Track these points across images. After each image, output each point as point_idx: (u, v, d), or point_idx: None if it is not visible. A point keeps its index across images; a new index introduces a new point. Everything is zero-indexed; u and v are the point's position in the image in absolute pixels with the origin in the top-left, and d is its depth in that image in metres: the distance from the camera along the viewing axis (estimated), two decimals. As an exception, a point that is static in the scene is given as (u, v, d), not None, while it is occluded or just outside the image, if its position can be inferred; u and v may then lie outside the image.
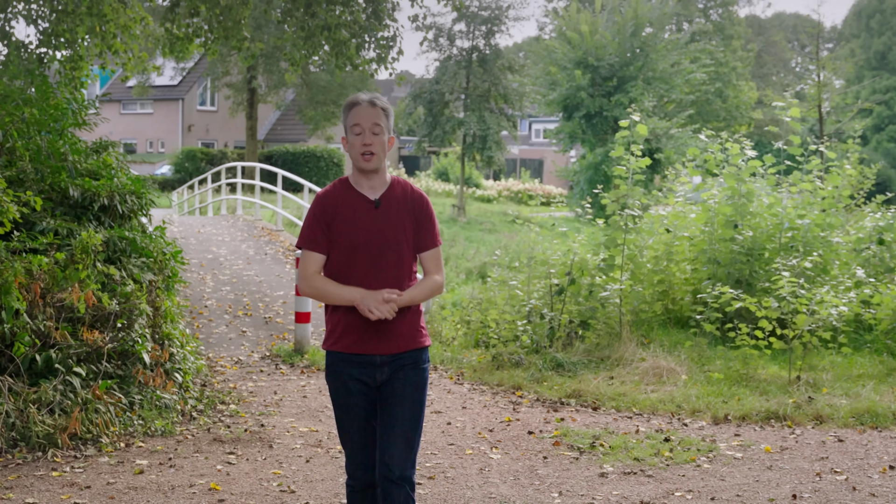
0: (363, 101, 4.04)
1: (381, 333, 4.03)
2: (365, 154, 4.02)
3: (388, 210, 4.07)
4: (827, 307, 9.46)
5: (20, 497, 5.66)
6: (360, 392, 4.09)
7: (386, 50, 13.29)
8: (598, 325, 10.64)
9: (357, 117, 4.03)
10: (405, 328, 4.09)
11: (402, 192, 4.13)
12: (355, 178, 4.12)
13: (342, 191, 4.11)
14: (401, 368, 4.09)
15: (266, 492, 5.95)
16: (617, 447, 7.15)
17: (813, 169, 12.34)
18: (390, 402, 4.08)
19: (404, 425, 4.08)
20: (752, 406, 8.33)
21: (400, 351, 4.08)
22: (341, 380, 4.09)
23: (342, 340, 4.06)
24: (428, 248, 4.16)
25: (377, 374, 4.08)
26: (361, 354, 4.05)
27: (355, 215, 4.04)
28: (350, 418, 4.13)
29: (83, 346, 7.37)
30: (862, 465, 6.79)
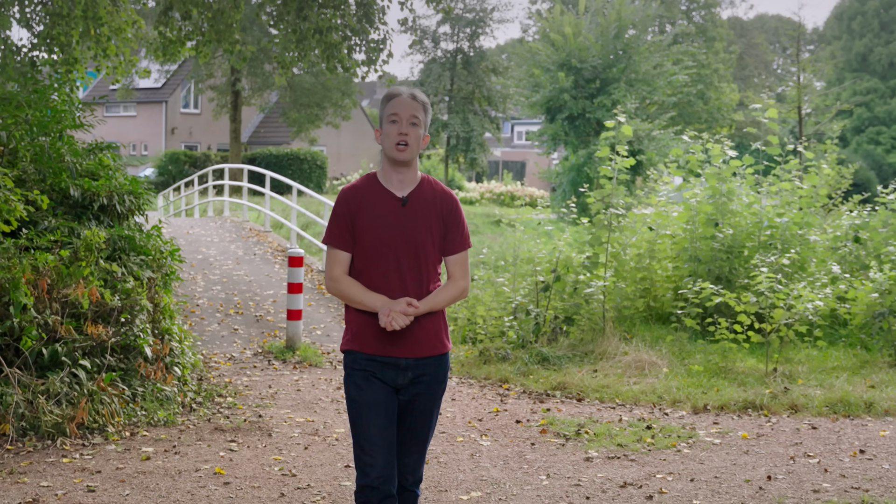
0: (404, 94, 3.94)
1: (407, 336, 3.90)
2: (399, 144, 3.89)
3: (415, 209, 3.94)
4: (803, 302, 9.82)
5: (34, 481, 5.94)
6: (383, 390, 3.94)
7: (376, 53, 13.61)
8: (582, 320, 10.97)
9: (396, 107, 3.90)
10: (430, 331, 3.96)
11: (430, 191, 4.00)
12: (384, 173, 3.99)
13: (369, 186, 3.98)
14: (423, 376, 3.97)
15: (268, 475, 6.25)
16: (601, 434, 7.48)
17: (791, 169, 12.71)
18: (409, 412, 4.00)
19: (422, 436, 4.04)
20: (730, 396, 8.68)
21: (425, 355, 3.96)
22: (364, 375, 3.93)
23: (367, 342, 3.93)
24: (455, 251, 4.03)
25: (399, 378, 3.96)
26: (387, 357, 3.92)
27: (381, 213, 3.92)
28: (372, 416, 3.91)
29: (87, 340, 7.65)
30: (834, 450, 7.14)
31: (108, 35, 14.17)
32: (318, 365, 10.40)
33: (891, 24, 65.60)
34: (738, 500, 5.88)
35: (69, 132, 10.06)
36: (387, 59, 13.66)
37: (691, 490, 6.11)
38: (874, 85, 65.39)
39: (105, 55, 14.48)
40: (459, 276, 4.03)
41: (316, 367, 10.31)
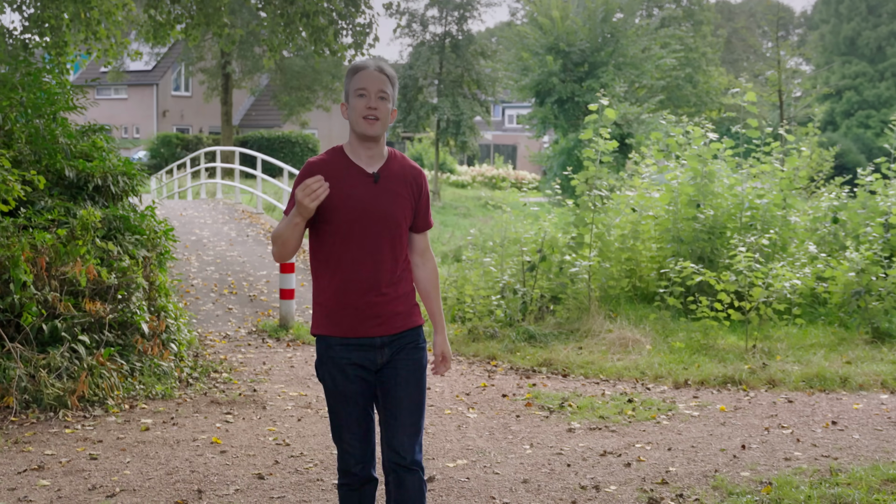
0: (370, 66, 3.80)
1: (380, 314, 3.80)
2: (368, 117, 3.74)
3: (387, 185, 3.81)
4: (781, 281, 10.09)
5: (39, 450, 6.19)
6: (359, 378, 3.82)
7: (362, 36, 13.82)
8: (567, 299, 11.22)
9: (363, 81, 3.76)
10: (402, 306, 3.86)
11: (399, 166, 3.88)
12: (352, 147, 3.84)
13: (337, 161, 3.82)
14: (401, 349, 3.86)
15: (263, 445, 6.50)
16: (584, 407, 7.74)
17: (772, 151, 12.97)
18: (393, 385, 3.86)
19: (410, 409, 3.89)
20: (710, 372, 8.95)
21: (399, 331, 3.85)
22: (339, 366, 3.80)
23: (338, 324, 3.78)
24: (425, 228, 3.99)
25: (378, 357, 3.83)
26: (360, 337, 3.79)
27: (351, 189, 3.75)
28: (349, 407, 3.83)
29: (86, 316, 7.88)
30: (807, 422, 7.42)
31: (97, 18, 14.33)
32: (311, 343, 10.63)
33: (878, 7, 65.80)
34: (712, 467, 6.15)
35: (62, 114, 10.26)
36: (373, 42, 13.87)
37: (668, 458, 6.38)
38: (863, 68, 65.64)
39: (96, 38, 14.66)
40: (427, 251, 4.01)
41: (309, 344, 10.55)
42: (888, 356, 9.53)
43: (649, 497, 5.54)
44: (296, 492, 5.54)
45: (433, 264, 4.03)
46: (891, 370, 8.94)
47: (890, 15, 65.42)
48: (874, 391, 8.50)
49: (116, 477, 5.70)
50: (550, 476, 5.94)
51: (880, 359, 9.45)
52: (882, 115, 63.12)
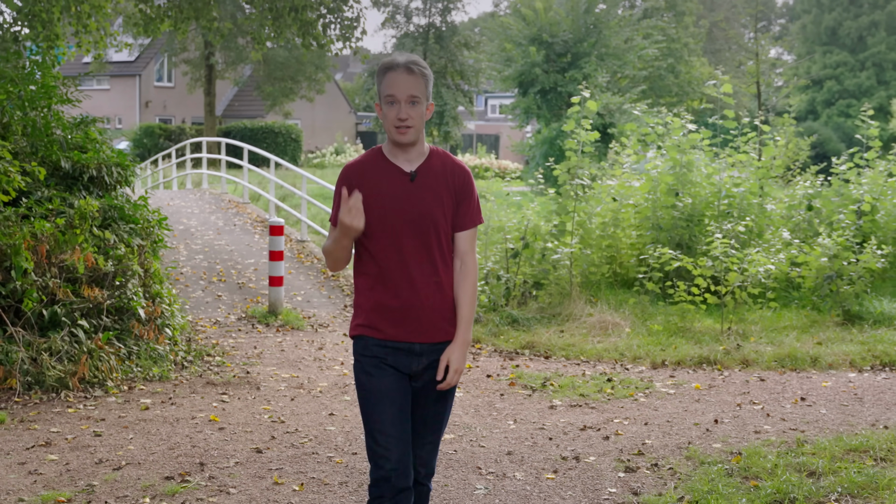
0: (399, 66, 3.58)
1: (421, 321, 3.65)
2: (400, 128, 3.60)
3: (424, 183, 3.66)
4: (756, 266, 10.45)
5: (45, 428, 6.48)
6: (395, 377, 3.68)
7: (350, 30, 14.10)
8: (550, 285, 11.55)
9: (392, 86, 3.58)
10: (445, 314, 3.69)
11: (440, 164, 3.71)
12: (389, 148, 3.71)
13: (374, 162, 3.70)
14: (437, 362, 3.70)
15: (259, 422, 6.81)
16: (565, 386, 8.08)
17: (748, 141, 13.33)
18: (423, 401, 3.75)
19: (434, 427, 3.81)
20: (686, 353, 9.31)
21: (440, 340, 3.69)
22: (374, 362, 3.67)
23: (377, 327, 3.67)
24: (467, 226, 3.74)
25: (413, 364, 3.69)
26: (400, 342, 3.66)
27: (388, 189, 3.64)
28: (385, 406, 3.65)
29: (84, 302, 8.16)
30: (777, 398, 7.78)
31: (88, 12, 14.55)
32: (300, 328, 10.94)
33: (859, -3, 66.36)
34: (685, 440, 6.50)
35: (56, 107, 10.51)
36: (360, 35, 14.16)
37: (644, 431, 6.72)
38: (844, 58, 66.13)
39: (86, 31, 14.88)
40: (469, 253, 3.73)
41: (298, 329, 10.85)
42: (857, 337, 9.91)
43: (626, 466, 5.88)
44: (292, 464, 5.85)
45: (470, 268, 3.72)
46: (859, 350, 9.31)
47: (871, 5, 65.92)
48: (843, 370, 8.87)
49: (121, 452, 6.00)
50: (533, 448, 6.28)
51: (850, 340, 9.83)
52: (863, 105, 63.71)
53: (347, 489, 5.42)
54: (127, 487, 5.35)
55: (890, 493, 5.31)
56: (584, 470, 5.83)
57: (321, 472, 5.70)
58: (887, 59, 64.37)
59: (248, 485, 5.46)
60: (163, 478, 5.52)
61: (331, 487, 5.45)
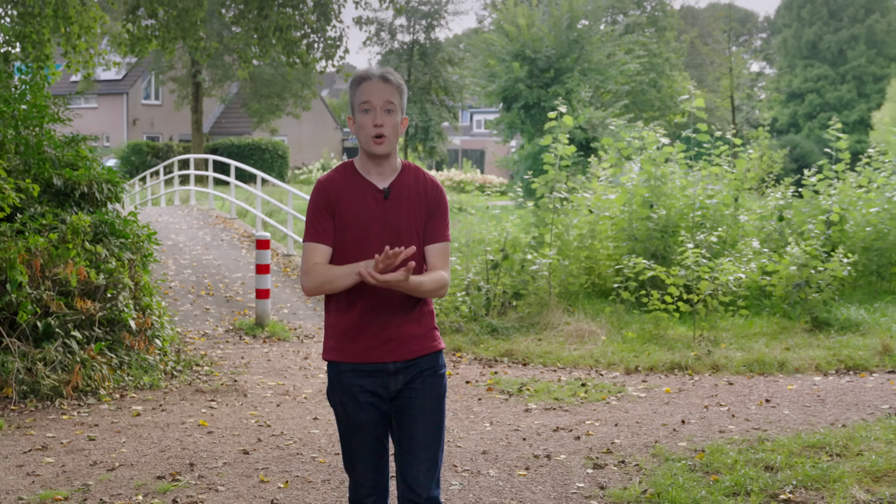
0: (374, 76, 3.55)
1: (393, 337, 3.58)
2: (375, 136, 3.53)
3: (398, 200, 3.60)
4: (726, 275, 10.82)
5: (41, 433, 6.78)
6: (372, 405, 3.60)
7: (333, 49, 14.47)
8: (529, 295, 11.90)
9: (367, 94, 3.53)
10: (418, 330, 3.63)
11: (413, 179, 3.65)
12: (362, 163, 3.63)
13: (347, 177, 3.62)
14: (417, 376, 3.62)
15: (246, 426, 7.13)
16: (541, 391, 8.42)
17: (721, 154, 13.72)
18: (408, 415, 3.63)
19: (427, 441, 3.64)
20: (659, 359, 9.66)
21: (414, 356, 3.61)
22: (350, 393, 3.59)
23: (348, 348, 3.58)
24: (435, 241, 3.65)
25: (391, 384, 3.60)
26: (372, 363, 3.58)
27: (362, 206, 3.57)
28: (361, 437, 3.62)
29: (77, 314, 8.47)
30: (744, 401, 8.12)
31: (77, 33, 14.88)
32: (286, 339, 11.26)
33: (839, 11, 66.96)
34: (653, 439, 6.83)
35: (48, 125, 10.82)
36: (343, 54, 14.53)
37: (614, 432, 7.05)
38: (824, 72, 66.76)
39: (75, 51, 15.20)
40: (440, 267, 3.63)
41: (284, 340, 11.16)
42: (824, 343, 10.27)
43: (594, 463, 6.22)
44: (278, 464, 6.17)
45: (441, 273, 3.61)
46: (825, 355, 9.67)
47: (850, 19, 66.61)
48: (809, 374, 9.22)
49: (114, 454, 6.31)
50: (507, 448, 6.61)
51: (817, 345, 10.19)
52: (843, 118, 64.23)
53: (330, 486, 5.74)
54: (121, 486, 5.66)
55: (841, 486, 5.65)
56: (554, 467, 6.16)
57: (305, 471, 6.02)
58: (867, 73, 65.03)
59: (236, 483, 5.77)
60: (154, 477, 5.83)
61: (314, 485, 5.77)
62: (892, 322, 11.08)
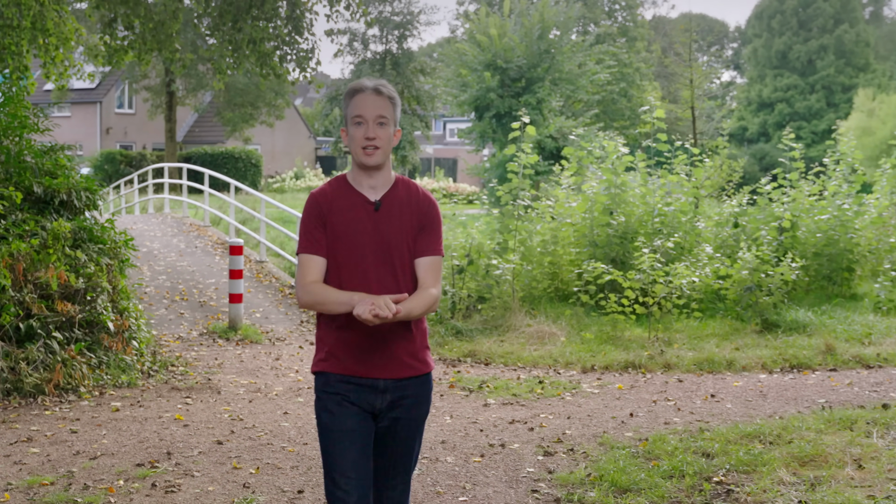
0: (367, 89, 3.56)
1: (385, 355, 3.56)
2: (367, 148, 3.53)
3: (389, 213, 3.59)
4: (680, 278, 11.34)
5: (25, 427, 7.18)
6: (359, 416, 3.57)
7: (306, 61, 14.92)
8: (493, 299, 12.37)
9: (359, 107, 3.54)
10: (410, 349, 3.61)
11: (406, 193, 3.65)
12: (354, 175, 3.64)
13: (339, 190, 3.64)
14: (404, 400, 3.60)
15: (220, 420, 7.55)
16: (500, 388, 8.89)
17: (679, 163, 14.27)
18: (391, 440, 3.64)
19: (405, 466, 3.70)
20: (614, 358, 10.16)
21: (405, 376, 3.59)
22: (336, 399, 3.56)
23: (341, 362, 3.57)
24: (427, 254, 3.62)
25: (377, 401, 3.58)
26: (363, 377, 3.56)
27: (353, 218, 3.57)
28: (346, 446, 3.54)
29: (58, 316, 8.86)
30: (691, 396, 8.62)
31: (55, 44, 15.25)
32: (259, 342, 11.67)
33: (808, 22, 67.88)
34: (602, 430, 7.31)
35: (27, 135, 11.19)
36: (315, 66, 14.99)
37: (566, 424, 7.53)
38: (794, 81, 67.68)
39: (53, 62, 15.57)
40: (431, 283, 3.60)
41: (256, 343, 11.58)
42: (772, 343, 10.81)
43: (545, 451, 6.69)
44: (250, 453, 6.60)
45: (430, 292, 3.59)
46: (771, 354, 10.20)
47: (820, 29, 67.56)
48: (755, 372, 9.75)
49: (96, 445, 6.72)
50: (465, 438, 7.07)
51: (765, 345, 10.72)
52: (812, 127, 65.23)
53: (298, 472, 6.18)
54: (103, 473, 6.08)
55: (769, 469, 6.14)
56: (507, 454, 6.63)
57: (275, 459, 6.45)
58: (836, 83, 65.99)
59: (211, 469, 6.20)
60: (134, 465, 6.26)
61: (283, 471, 6.20)
62: (837, 324, 11.64)
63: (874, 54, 68.39)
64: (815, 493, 5.67)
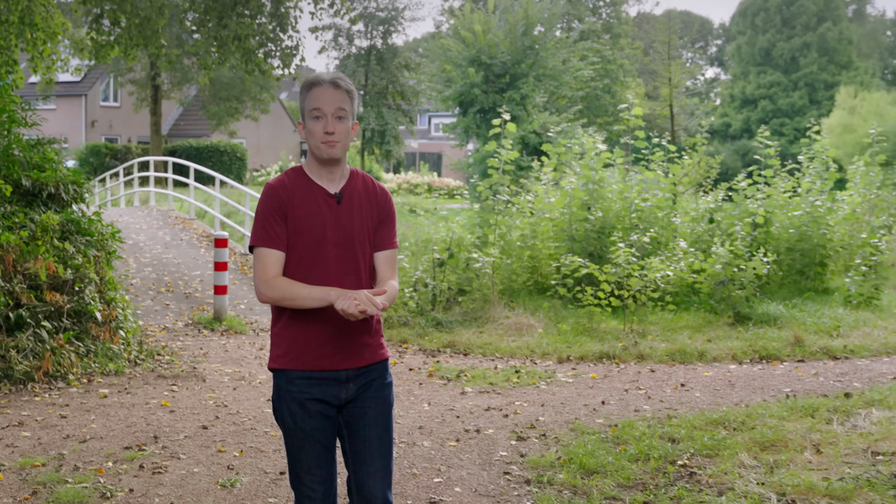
0: (325, 82, 3.52)
1: (346, 345, 3.55)
2: (326, 143, 3.50)
3: (350, 205, 3.59)
4: (654, 272, 11.63)
5: (16, 412, 7.42)
6: (321, 414, 3.56)
7: (290, 57, 15.15)
8: (473, 291, 12.65)
9: (317, 100, 3.50)
10: (370, 338, 3.61)
11: (363, 185, 3.65)
12: (311, 167, 3.60)
13: (298, 181, 3.58)
14: (368, 386, 3.61)
15: (205, 406, 7.80)
16: (477, 377, 9.16)
17: (656, 160, 14.57)
18: (362, 426, 3.62)
19: (381, 451, 3.65)
20: (589, 349, 10.45)
21: (366, 363, 3.60)
22: (298, 401, 3.53)
23: (301, 357, 3.52)
24: (384, 247, 3.66)
25: (342, 392, 3.57)
26: (325, 371, 3.53)
27: (315, 210, 3.54)
28: (309, 446, 3.56)
29: (46, 306, 9.09)
30: (661, 385, 8.91)
31: (43, 38, 15.43)
32: (243, 332, 11.92)
33: (792, 19, 68.30)
34: (574, 417, 7.59)
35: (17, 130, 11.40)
36: (300, 63, 15.21)
37: (540, 411, 7.81)
38: (777, 78, 68.11)
39: (41, 56, 15.75)
40: (390, 275, 3.65)
41: (241, 333, 11.83)
42: (743, 335, 11.12)
43: (518, 436, 6.97)
44: (234, 437, 6.86)
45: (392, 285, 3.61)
46: (742, 346, 10.51)
47: (803, 27, 67.97)
48: (725, 362, 10.05)
49: (85, 429, 6.96)
50: (442, 424, 7.34)
51: (736, 337, 11.03)
52: (795, 123, 65.66)
53: (280, 455, 6.44)
54: (92, 455, 6.32)
55: (731, 453, 6.43)
56: (482, 439, 6.90)
57: (258, 443, 6.71)
58: (819, 80, 66.41)
59: (196, 452, 6.46)
60: (122, 447, 6.51)
61: (266, 454, 6.46)
62: (807, 317, 11.96)
63: (857, 52, 68.86)
64: (773, 476, 5.95)
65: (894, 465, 6.15)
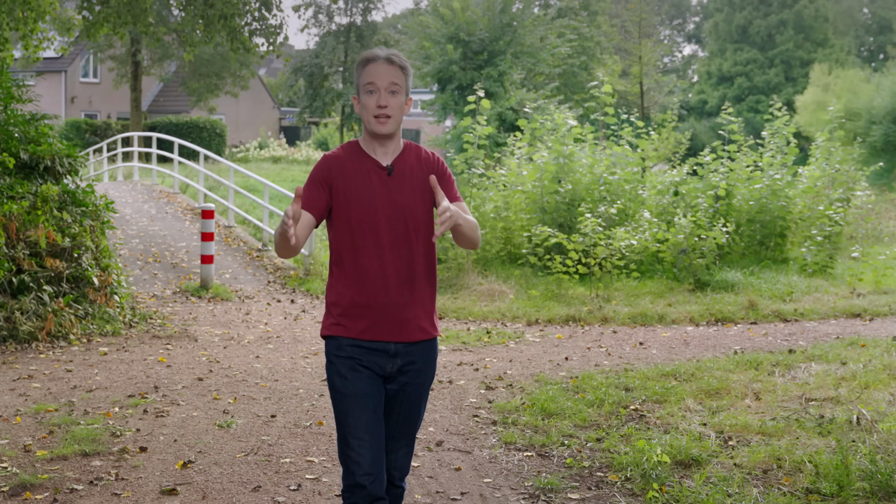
0: (379, 58, 3.57)
1: (398, 318, 3.58)
2: (380, 116, 3.55)
3: (402, 177, 3.60)
4: (619, 241, 12.33)
5: (24, 367, 8.05)
6: (371, 379, 3.59)
7: (274, 36, 15.72)
8: (448, 261, 13.30)
9: (372, 75, 3.55)
10: (421, 312, 3.63)
11: (415, 157, 3.68)
12: (366, 141, 3.65)
13: (351, 154, 3.64)
14: (413, 364, 3.64)
15: (199, 362, 8.45)
16: (451, 337, 9.84)
17: (625, 135, 15.24)
18: (398, 404, 3.68)
19: (410, 431, 3.75)
20: (556, 313, 11.14)
21: (414, 339, 3.61)
22: (348, 364, 3.57)
23: (351, 325, 3.58)
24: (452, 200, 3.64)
25: (388, 365, 3.61)
26: (375, 341, 3.58)
27: (366, 182, 3.58)
28: (360, 409, 3.56)
29: (47, 271, 9.70)
30: (622, 344, 9.62)
31: (34, 17, 15.92)
32: (229, 299, 12.54)
33: (769, -3, 68.96)
34: (539, 370, 8.28)
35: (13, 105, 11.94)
36: (283, 41, 15.79)
37: (508, 366, 8.50)
38: (753, 56, 68.76)
39: (31, 34, 16.24)
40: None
41: (227, 300, 12.45)
42: (702, 300, 11.84)
43: (487, 386, 7.65)
44: (227, 387, 7.51)
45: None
46: (700, 309, 11.23)
47: (780, 4, 68.59)
48: (683, 325, 10.77)
49: (90, 381, 7.60)
50: (417, 376, 8.01)
51: (695, 302, 11.75)
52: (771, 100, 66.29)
53: (270, 402, 7.09)
54: (99, 402, 6.96)
55: (678, 399, 7.14)
56: (454, 389, 7.58)
57: (250, 392, 7.37)
58: (795, 57, 67.10)
59: (194, 399, 7.11)
60: (126, 396, 7.15)
61: (258, 401, 7.12)
62: (763, 283, 12.70)
63: (832, 29, 69.56)
64: (714, 418, 6.65)
65: (824, 409, 6.87)
